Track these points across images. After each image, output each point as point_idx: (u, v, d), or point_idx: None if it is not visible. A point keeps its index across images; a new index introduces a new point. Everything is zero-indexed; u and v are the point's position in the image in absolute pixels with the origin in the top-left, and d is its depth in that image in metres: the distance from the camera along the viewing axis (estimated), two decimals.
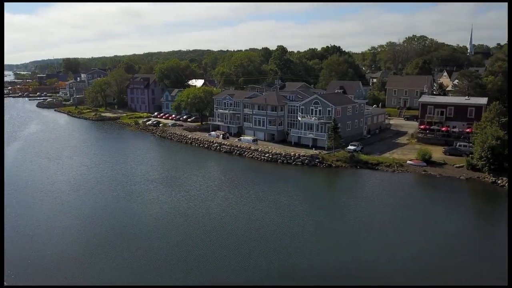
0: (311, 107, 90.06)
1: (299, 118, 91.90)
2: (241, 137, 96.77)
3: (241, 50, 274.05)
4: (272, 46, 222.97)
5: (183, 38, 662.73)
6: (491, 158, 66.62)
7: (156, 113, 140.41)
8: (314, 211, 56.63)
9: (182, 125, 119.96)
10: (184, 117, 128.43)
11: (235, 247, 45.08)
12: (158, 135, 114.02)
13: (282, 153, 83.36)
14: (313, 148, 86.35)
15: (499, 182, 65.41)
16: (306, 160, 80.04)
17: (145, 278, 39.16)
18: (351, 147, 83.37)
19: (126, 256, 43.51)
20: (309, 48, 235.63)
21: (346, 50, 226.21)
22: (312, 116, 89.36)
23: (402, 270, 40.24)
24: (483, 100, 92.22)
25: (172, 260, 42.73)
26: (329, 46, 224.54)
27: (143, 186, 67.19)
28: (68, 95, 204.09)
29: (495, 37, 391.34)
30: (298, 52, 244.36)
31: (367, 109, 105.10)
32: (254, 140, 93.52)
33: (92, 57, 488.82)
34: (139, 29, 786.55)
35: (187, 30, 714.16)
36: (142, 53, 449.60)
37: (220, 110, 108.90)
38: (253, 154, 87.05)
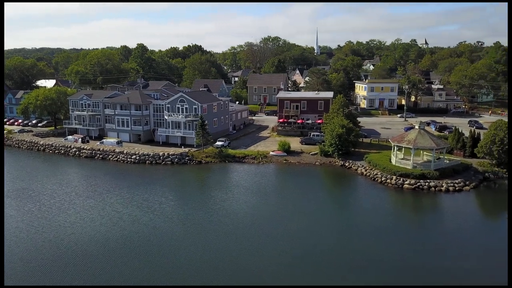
0: (177, 105, 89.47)
1: (166, 117, 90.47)
2: (104, 140, 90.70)
3: (97, 49, 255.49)
4: (132, 45, 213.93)
5: (26, 35, 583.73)
6: (339, 144, 75.94)
7: None
8: (184, 206, 56.68)
9: (31, 131, 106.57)
10: (34, 121, 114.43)
11: (95, 254, 42.64)
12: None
13: (150, 154, 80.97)
14: (182, 146, 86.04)
15: (346, 164, 75.13)
16: (176, 159, 79.36)
17: None
18: (219, 143, 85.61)
19: None
20: (171, 47, 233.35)
21: (208, 50, 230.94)
22: (179, 114, 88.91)
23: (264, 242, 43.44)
24: (330, 94, 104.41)
25: (16, 276, 38.32)
26: (191, 45, 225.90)
27: None
28: None
29: (335, 39, 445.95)
30: (160, 51, 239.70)
31: (231, 106, 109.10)
32: (119, 142, 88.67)
33: None
34: None
35: (30, 26, 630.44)
36: None
37: (77, 112, 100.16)
38: (118, 157, 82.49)
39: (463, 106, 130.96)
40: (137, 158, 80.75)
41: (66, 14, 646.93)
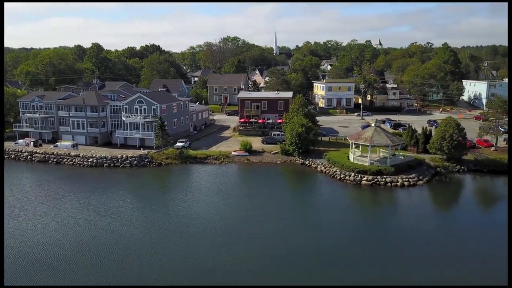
0: (135, 106, 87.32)
1: (124, 118, 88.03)
2: (58, 143, 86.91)
3: (49, 48, 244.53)
4: (86, 44, 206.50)
5: None
6: (299, 143, 77.06)
7: None
8: (143, 209, 55.46)
9: None
10: None
11: (48, 261, 41.04)
12: None
13: (107, 156, 78.55)
14: (141, 148, 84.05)
15: (307, 163, 76.40)
16: (135, 161, 77.46)
17: None
18: (179, 144, 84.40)
19: None
20: (128, 47, 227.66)
21: (166, 49, 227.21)
22: (137, 115, 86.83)
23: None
24: (289, 94, 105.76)
25: None
26: (149, 45, 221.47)
27: None
28: None
29: (294, 39, 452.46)
30: (116, 50, 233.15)
31: (192, 106, 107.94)
32: (74, 145, 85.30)
33: None
34: None
35: None
36: None
37: (28, 115, 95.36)
38: (73, 160, 79.43)
39: (416, 104, 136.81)
40: (94, 161, 78.09)
41: (14, 12, 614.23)
